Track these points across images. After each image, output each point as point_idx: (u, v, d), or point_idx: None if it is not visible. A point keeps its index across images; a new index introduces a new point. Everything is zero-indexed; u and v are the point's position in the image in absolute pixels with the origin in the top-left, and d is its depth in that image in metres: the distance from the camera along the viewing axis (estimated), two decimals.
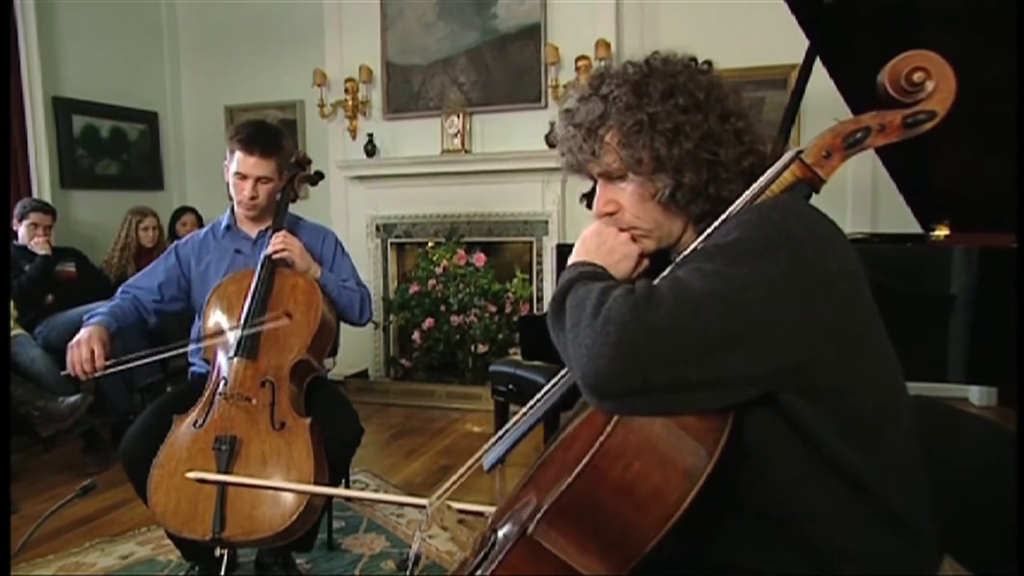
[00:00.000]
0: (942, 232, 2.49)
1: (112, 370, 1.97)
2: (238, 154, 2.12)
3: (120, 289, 2.23)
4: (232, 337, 2.00)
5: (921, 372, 1.77)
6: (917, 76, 0.81)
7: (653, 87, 0.94)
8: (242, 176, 2.13)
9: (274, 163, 2.14)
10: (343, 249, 2.34)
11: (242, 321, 1.99)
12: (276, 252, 2.07)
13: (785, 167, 0.90)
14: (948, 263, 2.04)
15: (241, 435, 1.86)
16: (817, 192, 0.91)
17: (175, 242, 2.31)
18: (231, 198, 2.21)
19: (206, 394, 1.96)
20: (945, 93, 0.82)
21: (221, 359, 1.99)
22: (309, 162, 2.37)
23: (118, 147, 5.08)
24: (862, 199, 3.91)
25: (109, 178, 5.00)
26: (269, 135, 2.18)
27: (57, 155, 4.62)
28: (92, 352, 1.93)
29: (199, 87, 5.48)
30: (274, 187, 2.17)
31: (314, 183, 2.40)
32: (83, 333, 1.97)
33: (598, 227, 1.00)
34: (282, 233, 2.11)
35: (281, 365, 1.96)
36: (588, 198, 1.05)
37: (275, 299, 2.03)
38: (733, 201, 0.92)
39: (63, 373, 1.97)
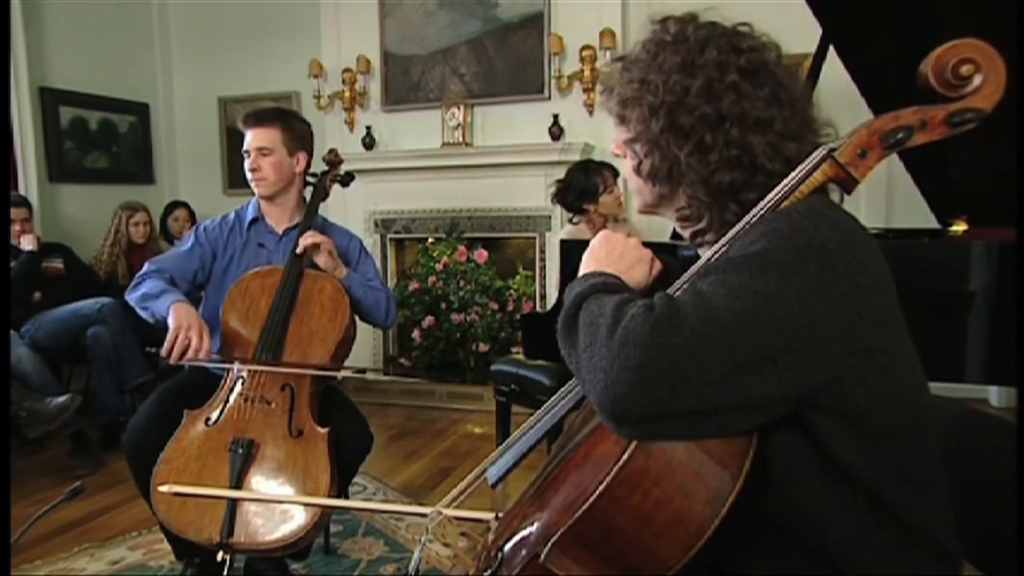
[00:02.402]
0: (960, 227, 2.45)
1: (205, 364, 1.92)
2: (246, 133, 2.15)
3: (153, 267, 2.13)
4: (254, 338, 1.97)
5: (938, 372, 1.74)
6: (965, 69, 0.76)
7: (670, 54, 0.92)
8: (247, 152, 2.15)
9: (274, 133, 2.13)
10: (367, 252, 2.34)
11: (266, 322, 1.97)
12: (306, 247, 2.05)
13: (815, 166, 0.85)
14: (966, 259, 2.01)
15: (258, 439, 1.83)
16: (848, 194, 0.87)
17: (200, 226, 2.26)
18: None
19: (221, 391, 1.93)
20: (994, 88, 0.76)
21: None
22: (340, 161, 2.36)
23: (108, 139, 5.04)
24: (876, 192, 3.87)
25: (98, 171, 4.96)
26: (267, 108, 2.21)
27: (44, 148, 4.58)
28: (202, 342, 1.87)
29: (192, 78, 5.44)
30: (278, 161, 2.15)
31: (345, 184, 2.39)
32: (188, 316, 1.90)
33: (605, 235, 1.00)
34: (311, 236, 2.09)
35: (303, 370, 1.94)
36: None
37: (301, 301, 2.02)
38: (699, 217, 0.92)
39: (150, 350, 1.90)
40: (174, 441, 1.84)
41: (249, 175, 2.16)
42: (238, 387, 1.92)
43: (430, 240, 4.65)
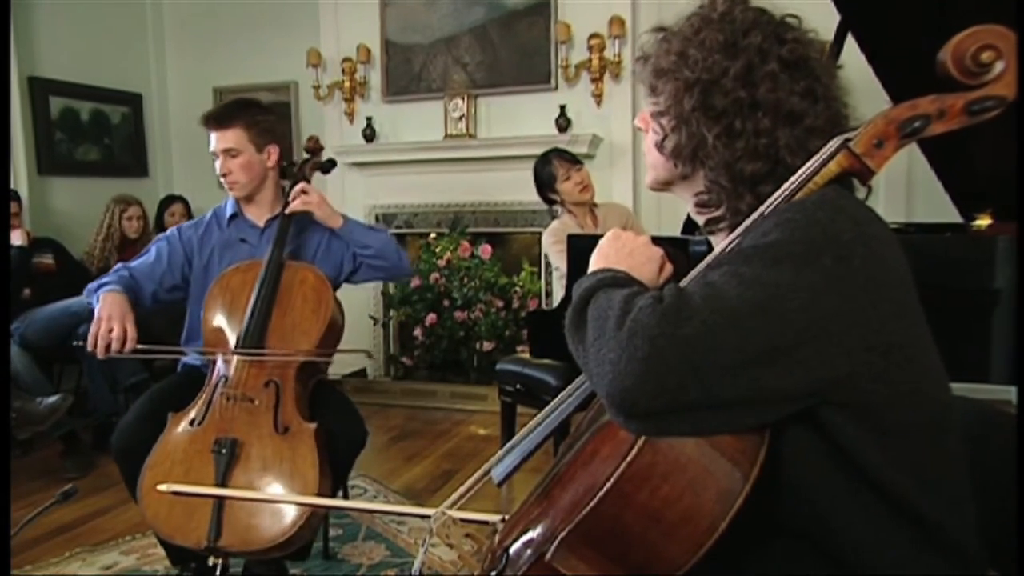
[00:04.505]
0: (984, 221, 2.45)
1: (136, 356, 1.95)
2: (209, 135, 2.17)
3: (117, 268, 2.17)
4: (235, 333, 1.99)
5: (962, 373, 1.73)
6: (986, 56, 0.76)
7: (714, 31, 0.92)
8: (214, 155, 2.16)
9: (238, 133, 2.14)
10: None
11: (247, 316, 1.98)
12: (295, 207, 2.10)
13: (830, 157, 0.86)
14: (991, 255, 2.01)
15: (242, 438, 1.84)
16: (864, 185, 0.88)
17: (176, 227, 2.30)
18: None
19: (205, 391, 1.95)
20: (1016, 75, 0.77)
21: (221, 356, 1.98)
22: (320, 148, 2.37)
23: (99, 131, 5.05)
24: (896, 185, 3.86)
25: (90, 164, 4.98)
26: (227, 106, 2.22)
27: (34, 139, 4.59)
28: (125, 331, 1.90)
29: (186, 67, 5.45)
30: (248, 162, 2.16)
31: (326, 170, 2.40)
32: (111, 306, 1.93)
33: (615, 233, 1.01)
34: (300, 186, 2.13)
35: (287, 364, 1.95)
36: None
37: (283, 293, 2.03)
38: (717, 203, 0.93)
39: (77, 344, 1.93)
40: (158, 445, 1.86)
41: (221, 179, 2.18)
42: (221, 386, 1.94)
43: (432, 235, 4.66)
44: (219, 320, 2.03)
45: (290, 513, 1.75)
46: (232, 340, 1.99)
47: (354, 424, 2.08)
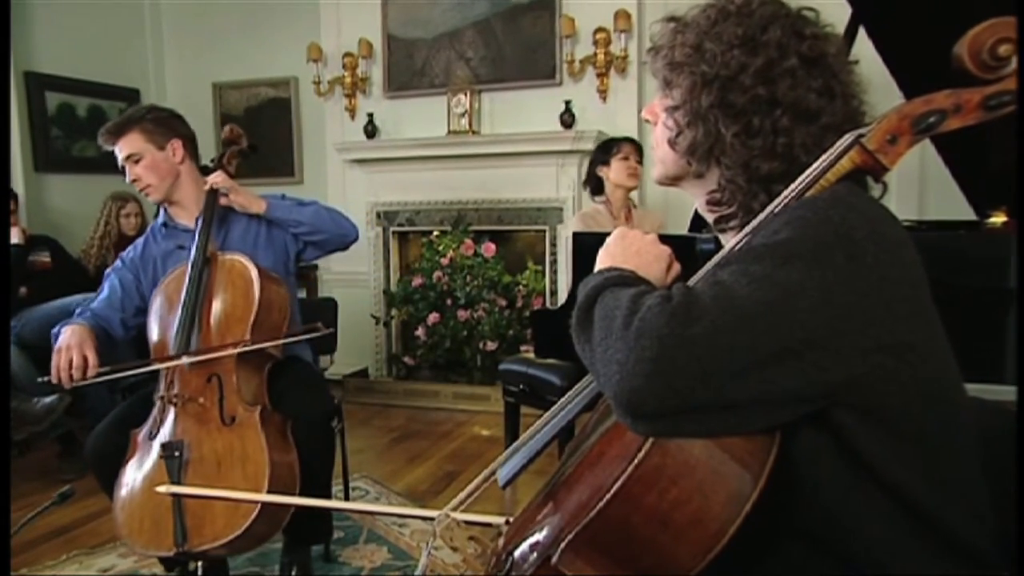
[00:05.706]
0: (999, 218, 2.44)
1: (103, 379, 1.99)
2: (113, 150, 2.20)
3: (79, 311, 2.21)
4: (172, 339, 2.01)
5: (976, 373, 1.73)
6: (1003, 49, 0.76)
7: (732, 25, 0.92)
8: (122, 168, 2.20)
9: (134, 137, 2.17)
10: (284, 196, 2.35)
11: (177, 320, 2.00)
12: (217, 185, 2.13)
13: (843, 153, 0.86)
14: (1006, 253, 2.00)
15: (189, 438, 1.87)
16: (877, 182, 0.87)
17: (119, 255, 2.33)
18: None
19: (157, 403, 1.98)
20: None
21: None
22: (239, 136, 2.37)
23: (97, 127, 4.96)
24: (908, 182, 3.85)
25: (87, 161, 4.98)
26: (119, 117, 2.27)
27: (30, 135, 4.62)
28: (85, 359, 1.94)
29: (184, 62, 5.46)
30: (152, 163, 2.18)
31: (246, 156, 2.40)
32: (70, 337, 1.97)
33: (621, 231, 1.01)
34: (211, 179, 2.16)
35: (223, 357, 1.97)
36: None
37: (213, 287, 2.05)
38: (730, 201, 0.93)
39: (42, 380, 1.97)
40: (124, 465, 1.91)
41: (137, 188, 2.21)
42: (168, 393, 1.97)
43: (435, 233, 4.66)
44: (158, 331, 2.07)
45: (241, 504, 1.78)
46: (171, 347, 2.01)
47: (311, 398, 2.09)
